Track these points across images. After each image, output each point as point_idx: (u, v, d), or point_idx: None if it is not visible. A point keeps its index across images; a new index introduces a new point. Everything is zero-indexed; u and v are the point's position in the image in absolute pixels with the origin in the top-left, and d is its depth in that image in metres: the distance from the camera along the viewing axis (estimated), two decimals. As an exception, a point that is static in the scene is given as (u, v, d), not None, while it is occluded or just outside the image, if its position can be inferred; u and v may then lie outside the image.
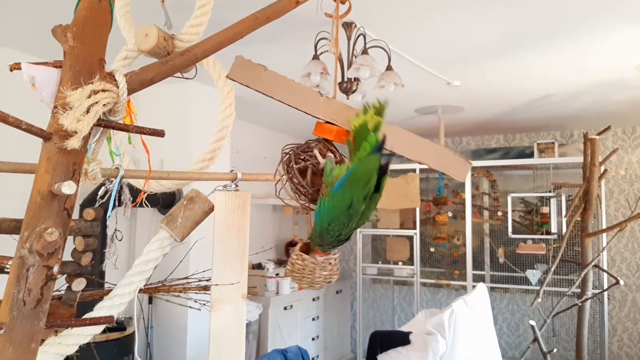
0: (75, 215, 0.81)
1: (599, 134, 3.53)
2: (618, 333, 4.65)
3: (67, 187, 0.62)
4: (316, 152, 1.06)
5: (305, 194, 1.08)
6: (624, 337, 4.63)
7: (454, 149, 5.47)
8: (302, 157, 1.08)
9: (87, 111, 0.66)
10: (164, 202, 2.08)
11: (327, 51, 2.21)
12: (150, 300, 3.52)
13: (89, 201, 2.72)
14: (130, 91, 0.74)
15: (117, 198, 1.02)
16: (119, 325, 3.02)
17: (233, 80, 0.97)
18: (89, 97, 0.67)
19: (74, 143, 0.65)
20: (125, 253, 3.55)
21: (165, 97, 3.63)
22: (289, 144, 1.10)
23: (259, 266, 4.58)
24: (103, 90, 0.70)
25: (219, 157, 1.31)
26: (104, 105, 0.69)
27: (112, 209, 0.99)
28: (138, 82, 0.74)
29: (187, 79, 1.18)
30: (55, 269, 0.65)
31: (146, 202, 1.22)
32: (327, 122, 1.04)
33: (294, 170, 1.07)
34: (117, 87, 0.72)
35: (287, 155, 1.08)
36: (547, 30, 2.46)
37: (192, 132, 3.52)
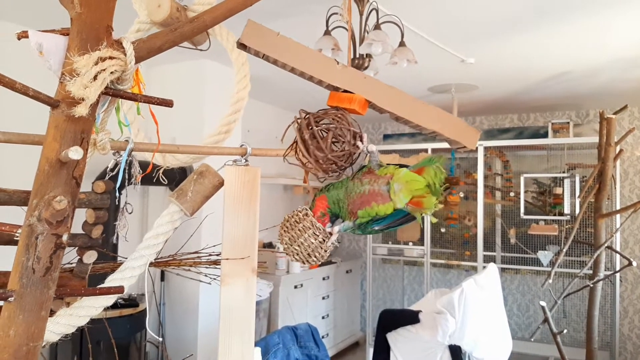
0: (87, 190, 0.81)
1: (615, 113, 3.46)
2: (629, 315, 4.63)
3: (74, 153, 0.61)
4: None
5: (321, 158, 1.05)
6: (635, 319, 4.61)
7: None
8: (319, 122, 1.05)
9: (95, 78, 0.65)
10: (181, 178, 2.08)
11: (340, 26, 2.17)
12: (162, 277, 3.56)
13: (102, 177, 2.74)
14: (138, 59, 0.72)
15: (127, 171, 1.02)
16: (132, 302, 3.06)
17: (243, 45, 0.94)
18: (96, 64, 0.66)
19: (81, 110, 0.64)
20: (138, 230, 3.58)
21: (178, 75, 3.62)
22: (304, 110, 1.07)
23: (269, 245, 4.61)
24: (110, 58, 0.68)
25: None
26: (112, 72, 0.68)
27: (122, 182, 0.98)
28: (146, 49, 0.73)
29: (200, 50, 1.17)
30: (64, 237, 0.65)
31: (163, 177, 1.21)
32: (345, 91, 1.01)
33: (314, 132, 1.04)
34: (125, 54, 0.71)
35: (306, 117, 1.05)
36: (566, 4, 2.40)
37: (204, 110, 3.51)
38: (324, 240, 1.07)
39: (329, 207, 1.10)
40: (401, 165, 1.06)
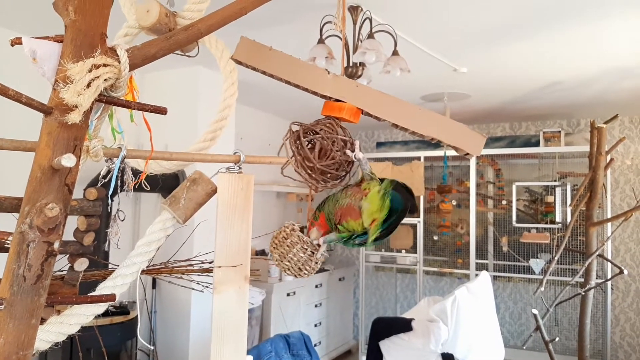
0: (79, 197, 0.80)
1: (606, 122, 3.49)
2: (620, 323, 4.65)
3: (67, 160, 0.61)
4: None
5: (311, 168, 1.05)
6: (627, 327, 4.63)
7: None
8: (312, 132, 1.05)
9: (88, 85, 0.65)
10: (164, 185, 2.08)
11: (334, 35, 2.18)
12: (153, 285, 3.53)
13: (94, 184, 2.72)
14: (133, 66, 0.72)
15: (119, 178, 1.01)
16: (123, 309, 3.03)
17: (238, 61, 0.95)
18: (90, 71, 0.66)
19: (74, 117, 0.63)
20: (130, 238, 3.55)
21: (170, 82, 3.62)
22: (297, 121, 1.08)
23: (262, 252, 4.59)
24: (104, 65, 0.68)
25: (224, 141, 1.30)
26: (105, 80, 0.68)
27: (114, 189, 0.98)
28: (140, 57, 0.73)
29: (189, 56, 1.17)
30: (56, 244, 0.64)
31: (145, 183, 1.21)
32: (336, 100, 1.02)
33: (301, 144, 1.04)
34: (119, 62, 0.71)
35: (296, 131, 1.06)
36: (558, 14, 2.43)
37: (197, 117, 3.51)
38: (313, 253, 1.08)
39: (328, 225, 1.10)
40: (382, 180, 1.05)
